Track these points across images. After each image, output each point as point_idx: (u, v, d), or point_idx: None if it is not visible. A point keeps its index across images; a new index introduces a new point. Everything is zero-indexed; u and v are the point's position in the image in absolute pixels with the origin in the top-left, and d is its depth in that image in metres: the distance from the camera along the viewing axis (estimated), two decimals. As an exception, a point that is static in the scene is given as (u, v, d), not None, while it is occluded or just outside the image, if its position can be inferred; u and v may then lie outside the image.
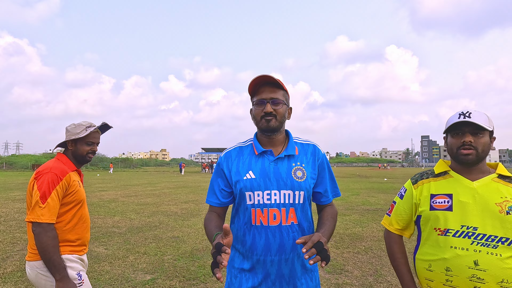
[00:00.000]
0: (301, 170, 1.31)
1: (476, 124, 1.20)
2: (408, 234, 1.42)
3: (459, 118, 1.23)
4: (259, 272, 1.27)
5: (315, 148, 1.40)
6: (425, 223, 1.29)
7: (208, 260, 4.27)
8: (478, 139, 1.22)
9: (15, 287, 3.36)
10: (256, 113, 1.32)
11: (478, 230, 1.16)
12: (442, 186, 1.29)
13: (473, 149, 1.22)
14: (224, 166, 1.36)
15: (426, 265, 1.26)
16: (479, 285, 1.12)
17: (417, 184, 1.37)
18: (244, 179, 1.29)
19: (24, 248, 4.79)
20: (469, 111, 1.25)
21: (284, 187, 1.27)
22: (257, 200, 1.27)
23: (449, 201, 1.24)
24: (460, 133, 1.25)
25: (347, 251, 4.72)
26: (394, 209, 1.43)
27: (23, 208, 8.72)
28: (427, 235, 1.28)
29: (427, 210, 1.28)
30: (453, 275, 1.16)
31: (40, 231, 1.55)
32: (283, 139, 1.38)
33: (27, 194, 1.69)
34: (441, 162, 1.37)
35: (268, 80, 1.29)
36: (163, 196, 11.90)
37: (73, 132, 1.81)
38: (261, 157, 1.33)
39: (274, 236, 1.25)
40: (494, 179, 1.24)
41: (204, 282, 3.52)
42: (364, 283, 3.54)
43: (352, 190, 14.25)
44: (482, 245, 1.15)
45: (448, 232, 1.21)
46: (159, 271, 3.87)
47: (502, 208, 1.16)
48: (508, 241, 1.14)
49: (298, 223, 1.29)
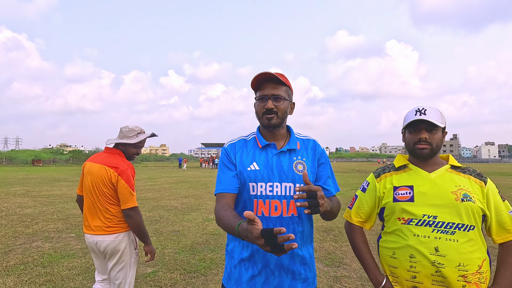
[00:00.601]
0: (302, 163, 1.35)
1: (430, 121, 1.29)
2: (369, 226, 1.48)
3: (416, 115, 1.32)
4: (258, 261, 1.31)
5: (315, 144, 1.44)
6: (389, 214, 1.35)
7: (208, 254, 4.32)
8: (432, 135, 1.31)
9: (19, 279, 3.41)
10: (258, 109, 1.35)
11: (437, 218, 1.24)
12: (403, 179, 1.37)
13: (428, 145, 1.31)
14: (231, 154, 1.38)
15: (390, 253, 1.32)
16: (440, 270, 1.19)
17: (380, 177, 1.43)
18: (248, 170, 1.32)
19: (26, 242, 4.84)
20: (425, 108, 1.33)
21: (285, 180, 1.31)
22: (260, 192, 1.30)
23: (411, 192, 1.31)
24: (417, 129, 1.33)
25: (345, 244, 4.78)
26: (356, 202, 1.49)
27: (24, 202, 8.79)
28: (391, 224, 1.34)
29: (390, 201, 1.34)
30: (416, 261, 1.23)
31: (134, 213, 2.08)
32: (285, 134, 1.42)
33: (99, 183, 2.09)
34: (400, 156, 1.46)
35: (270, 77, 1.32)
36: (163, 191, 11.96)
37: (126, 135, 2.17)
38: (265, 150, 1.37)
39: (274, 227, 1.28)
40: (448, 170, 1.33)
41: (205, 275, 3.58)
42: (362, 275, 3.60)
43: (351, 185, 14.32)
44: (441, 232, 1.22)
45: (411, 222, 1.27)
46: (160, 264, 3.92)
47: (458, 196, 1.24)
48: (463, 227, 1.21)
49: (298, 215, 1.32)
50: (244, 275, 1.32)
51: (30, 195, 10.50)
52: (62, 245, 4.72)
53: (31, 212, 7.39)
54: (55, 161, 49.01)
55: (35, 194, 10.80)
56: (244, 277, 1.32)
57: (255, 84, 1.35)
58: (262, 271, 1.31)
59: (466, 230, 1.21)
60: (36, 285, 3.26)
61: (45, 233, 5.44)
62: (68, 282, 3.35)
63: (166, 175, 21.95)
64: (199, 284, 3.35)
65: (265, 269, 1.31)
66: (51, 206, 8.26)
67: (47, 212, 7.40)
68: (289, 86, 1.37)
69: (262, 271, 1.31)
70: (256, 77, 1.31)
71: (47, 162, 46.70)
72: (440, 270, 1.20)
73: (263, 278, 1.31)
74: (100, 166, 2.10)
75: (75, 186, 13.79)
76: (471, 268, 1.19)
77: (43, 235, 5.31)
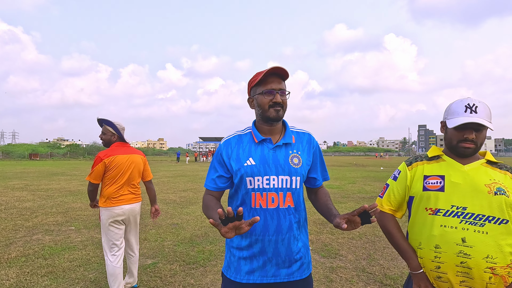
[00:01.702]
0: (298, 157, 1.40)
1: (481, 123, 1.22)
2: (400, 215, 1.47)
3: (466, 112, 1.25)
4: (257, 250, 1.37)
5: (310, 137, 1.50)
6: (417, 203, 1.34)
7: (207, 246, 4.39)
8: (479, 134, 1.27)
9: (21, 271, 3.46)
10: (264, 102, 1.37)
11: (467, 209, 1.22)
12: (435, 168, 1.34)
13: (474, 144, 1.27)
14: (224, 153, 1.43)
15: (416, 244, 1.32)
16: (466, 260, 1.18)
17: (411, 166, 1.42)
18: (245, 165, 1.37)
19: (26, 235, 4.89)
20: (475, 103, 1.26)
21: (282, 173, 1.36)
22: (257, 185, 1.35)
23: (441, 182, 1.29)
24: (464, 127, 1.26)
25: (342, 236, 4.86)
26: (387, 191, 1.47)
27: (23, 196, 8.82)
28: (418, 215, 1.34)
29: (420, 190, 1.33)
30: (441, 251, 1.23)
31: (152, 184, 3.21)
32: (280, 128, 1.46)
33: (140, 165, 3.02)
34: (434, 148, 1.44)
35: (277, 72, 1.36)
36: (162, 184, 12.00)
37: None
38: (261, 145, 1.41)
39: (272, 218, 1.34)
40: (483, 164, 1.31)
41: (204, 266, 3.65)
42: (358, 266, 3.68)
43: (348, 179, 14.42)
44: (470, 224, 1.20)
45: (438, 212, 1.27)
46: (159, 256, 3.99)
47: (491, 189, 1.22)
48: (494, 220, 1.19)
49: (294, 206, 1.38)
50: (243, 264, 1.38)
51: (28, 189, 10.52)
52: (62, 237, 4.77)
53: (30, 205, 7.43)
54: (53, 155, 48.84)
55: (34, 188, 10.82)
56: (243, 266, 1.38)
57: (262, 77, 1.36)
58: (260, 260, 1.37)
59: (497, 223, 1.19)
60: (38, 276, 3.32)
61: (45, 226, 5.48)
62: (69, 273, 3.41)
63: (164, 169, 21.98)
64: (198, 275, 3.42)
65: (263, 258, 1.36)
66: (50, 199, 8.29)
67: (46, 205, 7.44)
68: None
69: (260, 260, 1.37)
70: (268, 71, 1.33)
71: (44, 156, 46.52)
72: (465, 261, 1.19)
73: (261, 266, 1.37)
74: (136, 156, 2.99)
75: (73, 180, 13.80)
76: (501, 261, 1.17)
77: (43, 228, 5.35)
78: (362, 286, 3.16)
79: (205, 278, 3.34)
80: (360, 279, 3.33)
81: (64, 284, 3.15)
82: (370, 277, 3.37)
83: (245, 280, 1.37)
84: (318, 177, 1.50)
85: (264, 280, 1.36)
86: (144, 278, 3.31)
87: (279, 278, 1.37)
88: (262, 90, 1.37)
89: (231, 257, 1.42)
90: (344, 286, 3.15)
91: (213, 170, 1.45)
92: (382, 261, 3.81)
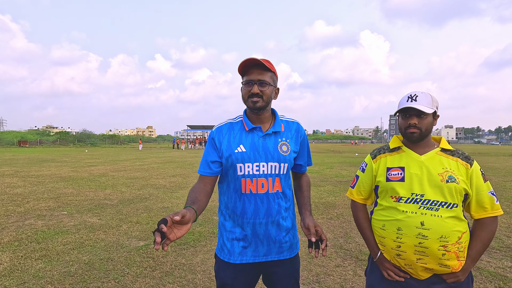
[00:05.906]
0: (286, 145, 1.39)
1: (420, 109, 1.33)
2: (370, 202, 1.56)
3: (407, 102, 1.36)
4: (248, 233, 1.37)
5: (299, 126, 1.49)
6: (383, 192, 1.42)
7: (196, 227, 4.39)
8: (422, 120, 1.35)
9: (14, 255, 3.34)
10: (244, 93, 1.35)
11: (424, 196, 1.31)
12: (396, 160, 1.42)
13: (418, 129, 1.35)
14: (216, 139, 1.40)
15: (380, 225, 1.40)
16: (423, 241, 1.28)
17: (376, 158, 1.49)
18: (236, 152, 1.34)
19: (18, 220, 4.71)
20: (416, 94, 1.36)
21: (271, 160, 1.35)
22: (247, 171, 1.33)
23: (402, 173, 1.37)
24: (408, 115, 1.37)
25: (321, 217, 4.98)
26: (357, 183, 1.55)
27: (13, 182, 8.45)
28: (383, 201, 1.42)
29: (383, 181, 1.41)
30: (403, 233, 1.32)
31: None
32: (270, 117, 1.44)
33: None
34: (395, 138, 1.51)
35: (257, 63, 1.32)
36: (152, 170, 11.81)
37: None
38: (251, 133, 1.38)
39: (262, 202, 1.34)
40: (438, 153, 1.38)
41: (194, 247, 3.64)
42: (336, 244, 3.79)
43: (326, 164, 14.70)
44: (427, 209, 1.29)
45: (401, 199, 1.35)
46: (151, 238, 3.95)
47: (443, 178, 1.31)
48: (446, 204, 1.28)
49: (282, 191, 1.38)
50: (236, 246, 1.38)
51: (19, 175, 10.09)
52: (55, 222, 4.63)
53: (22, 191, 7.13)
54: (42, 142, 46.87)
55: (24, 174, 10.39)
56: (236, 247, 1.38)
57: (242, 69, 1.35)
58: (252, 241, 1.37)
59: (449, 207, 1.28)
60: (32, 260, 3.21)
61: (37, 211, 5.29)
62: (63, 256, 3.33)
63: (153, 156, 21.60)
64: (188, 255, 3.41)
65: (255, 239, 1.37)
66: (41, 185, 7.99)
67: (37, 191, 7.16)
68: (274, 72, 1.37)
69: (252, 242, 1.37)
70: (243, 62, 1.31)
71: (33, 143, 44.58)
72: (423, 242, 1.28)
73: (253, 247, 1.37)
74: None
75: (64, 166, 13.35)
76: (451, 239, 1.26)
77: (35, 213, 5.17)
78: (340, 261, 3.26)
79: (195, 257, 3.35)
80: (338, 255, 3.43)
81: (58, 267, 3.07)
82: (347, 253, 3.48)
83: (238, 261, 1.37)
84: (303, 164, 1.51)
85: (256, 259, 1.38)
86: (137, 259, 3.27)
87: (270, 257, 1.39)
88: (242, 80, 1.37)
89: (225, 240, 1.41)
90: (324, 261, 3.24)
91: (207, 155, 1.41)
92: (357, 239, 3.93)
